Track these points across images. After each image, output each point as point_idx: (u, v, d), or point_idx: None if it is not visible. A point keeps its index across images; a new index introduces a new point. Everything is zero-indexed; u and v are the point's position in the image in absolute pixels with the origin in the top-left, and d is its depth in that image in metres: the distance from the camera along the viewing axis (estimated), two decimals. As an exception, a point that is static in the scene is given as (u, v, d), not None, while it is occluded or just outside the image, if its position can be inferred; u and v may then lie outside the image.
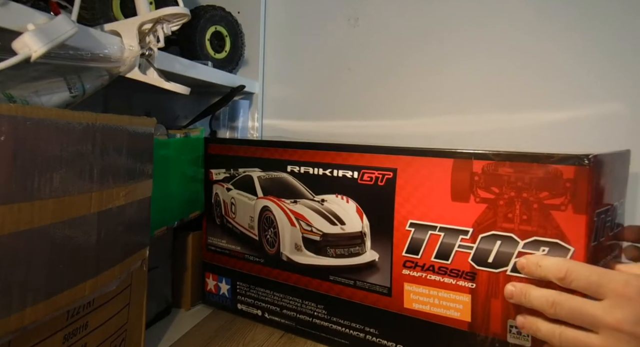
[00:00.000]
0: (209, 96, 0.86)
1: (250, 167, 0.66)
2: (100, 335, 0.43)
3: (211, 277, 0.72)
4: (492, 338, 0.49)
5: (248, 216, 0.66)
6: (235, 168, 0.68)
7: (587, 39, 0.75)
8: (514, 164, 0.47)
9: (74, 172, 0.37)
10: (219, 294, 0.71)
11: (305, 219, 0.60)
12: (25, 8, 0.38)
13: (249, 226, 0.66)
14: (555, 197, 0.44)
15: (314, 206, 0.60)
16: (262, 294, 0.66)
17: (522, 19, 0.79)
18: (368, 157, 0.56)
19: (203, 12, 0.78)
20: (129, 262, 0.46)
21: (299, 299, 0.63)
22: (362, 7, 0.88)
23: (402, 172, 0.53)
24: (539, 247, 0.45)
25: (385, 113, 0.88)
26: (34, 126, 0.32)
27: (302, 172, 0.61)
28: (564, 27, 0.76)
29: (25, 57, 0.36)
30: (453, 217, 0.50)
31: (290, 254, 0.62)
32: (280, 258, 0.63)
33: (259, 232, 0.65)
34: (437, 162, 0.51)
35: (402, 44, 0.86)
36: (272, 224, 0.64)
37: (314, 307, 0.61)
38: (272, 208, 0.63)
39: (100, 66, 0.47)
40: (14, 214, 0.31)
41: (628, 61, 0.72)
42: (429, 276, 0.52)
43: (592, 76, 0.75)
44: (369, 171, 0.56)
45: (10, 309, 0.31)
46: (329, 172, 0.59)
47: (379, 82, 0.88)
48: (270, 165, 0.64)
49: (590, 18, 0.74)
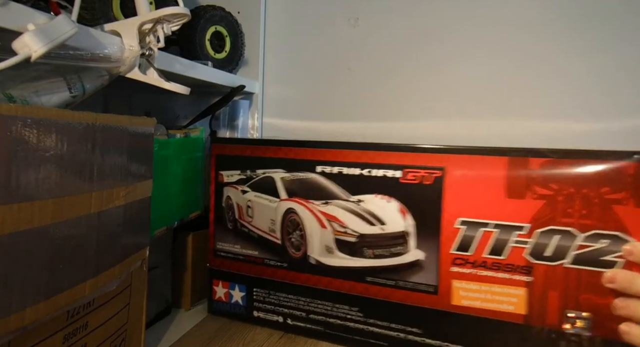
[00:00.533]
0: (209, 96, 0.86)
1: (271, 168, 0.64)
2: (100, 335, 0.43)
3: (221, 285, 0.68)
4: (548, 329, 0.50)
5: (268, 219, 0.64)
6: (252, 169, 0.65)
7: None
8: (573, 161, 0.49)
9: (74, 172, 0.37)
10: (230, 303, 0.68)
11: (338, 221, 0.59)
12: (25, 8, 0.38)
13: (270, 230, 0.64)
14: (616, 192, 0.47)
15: (349, 206, 0.59)
16: (284, 300, 0.64)
17: (520, 19, 0.79)
18: (411, 156, 0.56)
19: (203, 12, 0.78)
20: (129, 262, 0.46)
21: (330, 302, 0.61)
22: (362, 7, 0.88)
23: (451, 170, 0.54)
24: (599, 239, 0.47)
25: (385, 113, 0.88)
26: (34, 126, 0.32)
27: (335, 172, 0.60)
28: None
29: (25, 57, 0.36)
30: (508, 214, 0.51)
31: (319, 257, 0.61)
32: (308, 261, 0.61)
33: (282, 235, 0.63)
34: (490, 160, 0.52)
35: (402, 44, 0.86)
36: (297, 226, 0.62)
37: (347, 310, 0.60)
38: (298, 210, 0.61)
39: (100, 66, 0.47)
40: (14, 214, 0.31)
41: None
42: (480, 272, 0.52)
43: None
44: (414, 170, 0.56)
45: (10, 309, 0.31)
46: (367, 172, 0.58)
47: (379, 82, 0.88)
48: (296, 166, 0.62)
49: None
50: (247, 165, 0.66)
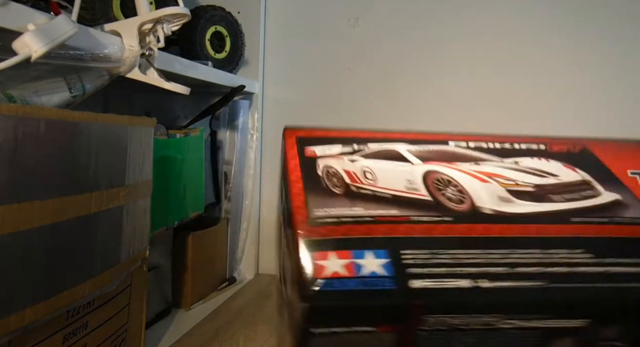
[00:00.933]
0: (209, 96, 0.86)
1: (388, 143, 0.57)
2: (100, 335, 0.43)
3: (334, 256, 0.50)
4: None
5: (403, 180, 0.54)
6: (360, 144, 0.58)
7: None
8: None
9: (74, 172, 0.37)
10: (358, 276, 0.48)
11: (501, 176, 0.53)
12: (25, 8, 0.38)
13: (408, 188, 0.54)
14: None
15: (507, 166, 0.54)
16: (465, 257, 0.48)
17: (520, 20, 0.79)
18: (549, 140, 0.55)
19: (203, 12, 0.78)
20: (129, 262, 0.46)
21: (539, 249, 0.49)
22: (362, 7, 0.88)
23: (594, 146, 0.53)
24: None
25: (384, 113, 0.88)
26: (34, 126, 0.32)
27: (473, 146, 0.56)
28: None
29: (25, 57, 0.36)
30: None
31: (497, 207, 0.52)
32: (481, 212, 0.52)
33: (431, 192, 0.53)
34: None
35: (402, 44, 0.86)
36: (449, 183, 0.54)
37: (571, 254, 0.49)
38: (442, 170, 0.54)
39: (100, 66, 0.47)
40: (14, 214, 0.31)
41: None
42: None
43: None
44: (558, 141, 0.55)
45: (10, 309, 0.31)
46: (509, 145, 0.56)
47: (379, 82, 0.88)
48: (422, 143, 0.57)
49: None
50: (351, 142, 0.59)
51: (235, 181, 0.86)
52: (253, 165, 0.90)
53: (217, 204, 0.84)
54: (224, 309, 0.74)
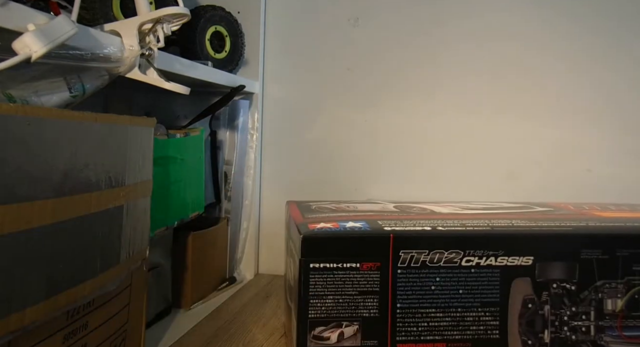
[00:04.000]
0: (209, 96, 0.86)
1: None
2: (100, 335, 0.43)
3: (324, 223, 0.55)
4: None
5: (378, 206, 0.67)
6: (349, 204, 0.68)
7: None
8: None
9: (74, 172, 0.37)
10: (343, 228, 0.53)
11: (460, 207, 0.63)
12: (25, 8, 0.38)
13: (382, 208, 0.67)
14: None
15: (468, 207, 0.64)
16: (428, 222, 0.55)
17: (519, 20, 0.79)
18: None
19: (203, 12, 0.78)
20: (129, 262, 0.46)
21: (485, 217, 0.57)
22: (362, 7, 0.88)
23: None
24: None
25: (384, 113, 0.88)
26: (34, 126, 0.32)
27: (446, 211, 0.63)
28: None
29: (25, 58, 0.36)
30: None
31: (452, 211, 0.63)
32: (440, 212, 0.61)
33: (399, 209, 0.65)
34: None
35: (402, 44, 0.86)
36: (415, 205, 0.65)
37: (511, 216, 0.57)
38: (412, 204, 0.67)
39: (100, 66, 0.47)
40: (14, 214, 0.31)
41: None
42: None
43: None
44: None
45: (10, 309, 0.31)
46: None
47: (379, 82, 0.88)
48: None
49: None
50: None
51: (235, 181, 0.86)
52: (253, 166, 0.90)
53: (217, 204, 0.84)
54: (224, 309, 0.74)
